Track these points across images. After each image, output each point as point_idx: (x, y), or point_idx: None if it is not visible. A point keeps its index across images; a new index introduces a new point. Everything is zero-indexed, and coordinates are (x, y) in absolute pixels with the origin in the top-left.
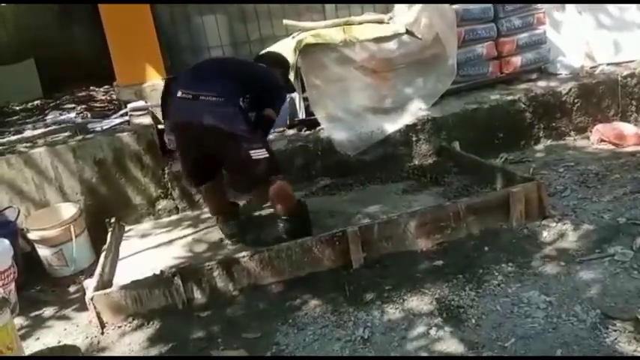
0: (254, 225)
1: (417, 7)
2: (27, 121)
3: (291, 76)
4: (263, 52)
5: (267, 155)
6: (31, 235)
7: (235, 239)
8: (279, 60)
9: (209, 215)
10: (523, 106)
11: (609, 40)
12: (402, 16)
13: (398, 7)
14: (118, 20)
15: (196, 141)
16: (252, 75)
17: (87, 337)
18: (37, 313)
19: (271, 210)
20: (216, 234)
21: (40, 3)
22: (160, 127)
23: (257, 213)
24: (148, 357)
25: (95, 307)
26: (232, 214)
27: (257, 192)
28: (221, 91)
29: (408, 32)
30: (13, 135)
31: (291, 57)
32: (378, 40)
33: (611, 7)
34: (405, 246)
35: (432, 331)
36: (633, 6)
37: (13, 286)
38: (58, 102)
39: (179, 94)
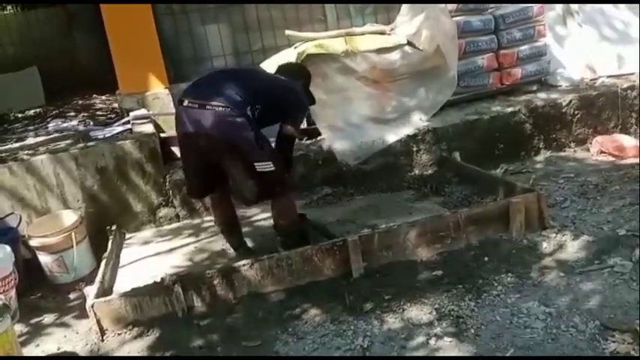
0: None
1: (419, 18)
2: (29, 128)
3: None
4: (283, 63)
5: (273, 168)
6: (33, 242)
7: (240, 250)
8: (299, 70)
9: (210, 223)
10: (523, 117)
11: (610, 52)
12: (404, 27)
13: (399, 18)
14: (122, 29)
15: (201, 151)
16: (265, 85)
17: (87, 345)
18: (37, 319)
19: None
20: (217, 242)
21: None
22: (163, 135)
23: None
24: (148, 357)
25: (95, 315)
26: (238, 225)
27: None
28: (228, 100)
29: (409, 43)
30: (16, 142)
31: None
32: (380, 51)
33: (612, 20)
34: (405, 255)
35: (432, 341)
36: (634, 19)
37: (13, 292)
38: (60, 110)
39: (185, 102)
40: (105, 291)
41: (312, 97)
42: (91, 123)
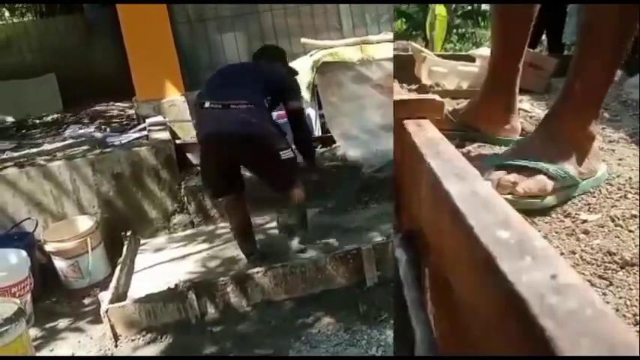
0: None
1: None
2: (46, 134)
3: (308, 94)
4: (257, 50)
5: (293, 155)
6: (48, 247)
7: (253, 257)
8: (276, 52)
9: (224, 230)
10: None
11: None
12: None
13: None
14: (139, 37)
15: (224, 151)
16: (269, 75)
17: (100, 350)
18: (51, 324)
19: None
20: (230, 249)
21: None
22: (178, 142)
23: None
24: (149, 357)
25: (109, 320)
26: (252, 232)
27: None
28: (249, 97)
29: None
30: (33, 148)
31: (308, 75)
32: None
33: None
34: None
35: None
36: None
37: (29, 297)
38: (77, 116)
39: (207, 104)
40: (119, 296)
41: (293, 70)
42: (108, 129)
